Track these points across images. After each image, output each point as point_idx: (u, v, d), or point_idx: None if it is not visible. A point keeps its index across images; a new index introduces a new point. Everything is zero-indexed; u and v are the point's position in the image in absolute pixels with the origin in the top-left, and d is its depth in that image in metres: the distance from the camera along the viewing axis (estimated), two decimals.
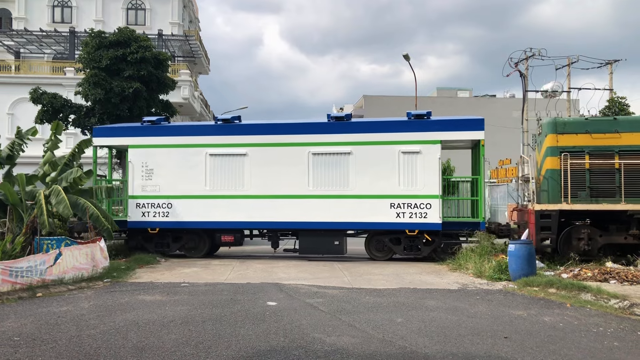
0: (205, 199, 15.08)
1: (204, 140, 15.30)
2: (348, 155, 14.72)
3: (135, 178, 15.32)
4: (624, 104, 25.28)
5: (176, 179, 15.18)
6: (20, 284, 9.79)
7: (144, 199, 15.22)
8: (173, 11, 39.71)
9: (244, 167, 15.08)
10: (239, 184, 15.07)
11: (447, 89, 48.71)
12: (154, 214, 15.17)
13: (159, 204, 15.17)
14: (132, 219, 15.27)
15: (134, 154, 15.46)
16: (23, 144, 14.19)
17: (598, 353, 6.22)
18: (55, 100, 18.53)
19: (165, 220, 15.18)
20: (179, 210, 15.12)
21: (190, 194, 15.12)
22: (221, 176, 15.13)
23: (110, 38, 18.59)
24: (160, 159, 15.32)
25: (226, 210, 14.99)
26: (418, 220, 14.30)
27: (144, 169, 15.30)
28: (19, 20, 37.90)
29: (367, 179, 14.60)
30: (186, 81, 33.61)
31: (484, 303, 9.14)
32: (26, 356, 5.99)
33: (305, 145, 14.90)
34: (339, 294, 9.92)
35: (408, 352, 6.19)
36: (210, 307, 8.60)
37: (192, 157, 15.21)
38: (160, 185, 15.22)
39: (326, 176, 14.81)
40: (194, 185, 15.13)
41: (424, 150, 14.39)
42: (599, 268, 11.65)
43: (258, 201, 14.92)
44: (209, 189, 15.11)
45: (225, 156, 15.15)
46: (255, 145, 15.08)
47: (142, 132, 15.61)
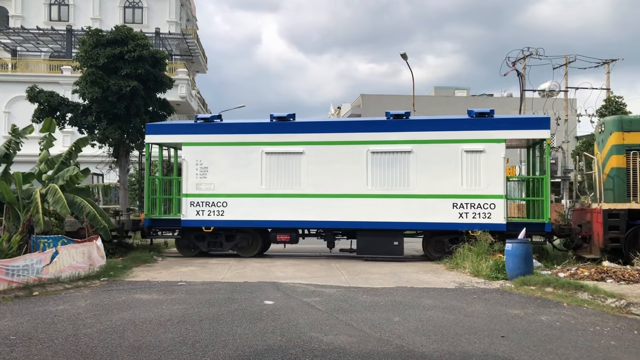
0: (261, 198, 14.91)
1: (259, 138, 15.08)
2: (408, 154, 14.46)
3: (190, 176, 15.15)
4: (621, 103, 25.31)
5: (231, 177, 15.02)
6: (17, 283, 9.76)
7: (199, 198, 15.05)
8: (170, 9, 39.66)
9: (300, 166, 14.88)
10: (295, 183, 14.87)
11: (444, 88, 48.74)
12: (209, 212, 15.01)
13: (213, 203, 15.01)
14: (186, 218, 15.10)
15: (188, 152, 15.29)
16: (19, 142, 14.14)
17: (595, 352, 6.23)
18: (52, 99, 18.45)
19: (220, 219, 15.00)
20: (234, 209, 14.94)
21: (246, 192, 14.94)
22: (277, 175, 14.95)
23: (107, 36, 18.52)
24: (215, 157, 15.15)
25: (282, 209, 14.80)
26: (481, 221, 14.00)
27: (198, 167, 15.13)
28: (16, 18, 37.79)
29: (428, 178, 14.33)
30: (183, 80, 33.58)
31: (481, 302, 9.14)
32: (22, 355, 5.97)
33: (364, 144, 14.66)
34: (336, 292, 9.92)
35: (405, 351, 6.19)
36: (207, 306, 8.59)
37: (247, 155, 15.04)
38: (215, 183, 15.04)
39: (385, 175, 14.55)
40: (250, 183, 14.96)
41: (488, 149, 14.08)
42: (596, 267, 11.67)
43: (315, 200, 14.72)
44: (264, 187, 14.94)
45: (281, 154, 14.96)
46: (312, 143, 14.87)
47: (196, 130, 15.45)
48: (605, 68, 26.93)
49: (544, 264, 12.98)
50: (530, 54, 25.70)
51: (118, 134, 18.42)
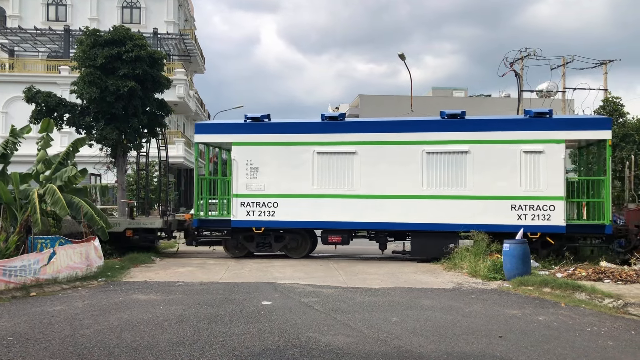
0: (312, 198, 14.75)
1: (311, 138, 14.93)
2: (465, 154, 14.24)
3: (240, 176, 15.04)
4: (619, 104, 25.34)
5: (282, 177, 14.90)
6: (14, 283, 9.74)
7: (249, 198, 14.95)
8: (168, 10, 39.60)
9: (353, 166, 14.69)
10: (347, 183, 14.70)
11: (442, 89, 48.79)
12: (259, 213, 14.90)
13: (264, 203, 14.89)
14: (237, 218, 14.98)
15: (238, 152, 15.16)
16: (17, 142, 14.10)
17: (592, 352, 6.24)
18: (49, 99, 18.40)
19: (271, 220, 14.87)
20: (286, 210, 14.80)
21: (297, 193, 14.80)
22: (329, 175, 14.77)
23: (105, 36, 18.48)
24: (265, 156, 15.03)
25: (334, 210, 14.64)
26: (540, 223, 13.78)
27: (248, 167, 15.02)
28: (13, 18, 37.70)
29: (485, 179, 14.11)
30: (181, 80, 33.52)
31: (478, 302, 9.15)
32: (19, 356, 5.95)
33: (419, 144, 14.45)
34: (334, 293, 9.92)
35: (403, 351, 6.19)
36: (204, 306, 8.58)
37: (298, 155, 14.90)
38: (265, 183, 14.93)
39: (441, 176, 14.33)
40: (301, 184, 14.82)
41: (547, 150, 13.86)
42: (593, 267, 11.70)
43: (368, 201, 14.55)
44: (316, 188, 14.78)
45: (333, 154, 14.78)
46: (365, 143, 14.71)
47: (246, 129, 15.29)
48: (603, 69, 26.97)
49: (542, 264, 13.01)
50: (527, 55, 25.74)
51: (116, 134, 18.38)
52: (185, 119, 43.33)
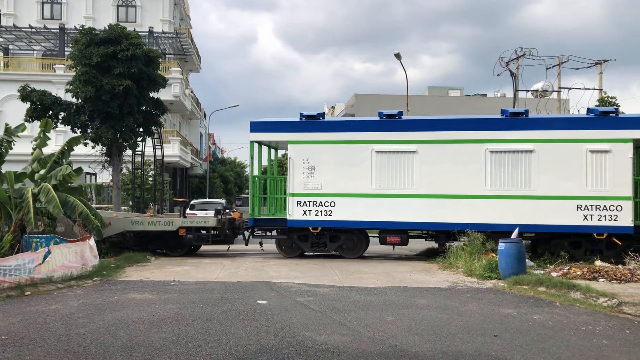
0: (370, 198, 14.50)
1: (369, 137, 14.69)
2: (529, 153, 13.97)
3: (296, 175, 14.83)
4: (614, 103, 25.47)
5: (339, 176, 14.67)
6: (9, 283, 9.71)
7: (306, 197, 14.73)
8: (164, 8, 39.51)
9: (413, 165, 14.42)
10: (407, 183, 14.43)
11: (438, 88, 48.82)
12: (316, 212, 14.67)
13: (321, 202, 14.67)
14: (293, 218, 14.79)
15: (294, 150, 14.96)
16: (12, 141, 14.05)
17: (587, 351, 6.26)
18: (44, 98, 18.36)
19: (328, 220, 14.65)
20: (343, 209, 14.57)
21: (355, 192, 14.56)
22: (388, 174, 14.51)
23: (100, 35, 18.45)
24: (322, 155, 14.80)
25: (393, 209, 14.38)
26: (607, 223, 13.55)
27: (305, 165, 14.80)
28: (8, 16, 37.53)
29: (550, 178, 13.83)
30: (177, 79, 33.45)
31: (474, 301, 9.17)
32: (14, 355, 5.93)
33: (482, 142, 14.19)
34: (329, 292, 9.92)
35: (398, 350, 6.19)
36: (200, 305, 8.57)
37: (356, 154, 14.65)
38: (322, 182, 14.70)
39: (505, 175, 14.07)
40: (359, 183, 14.57)
41: (614, 149, 13.62)
42: (588, 267, 11.73)
43: (428, 201, 14.28)
44: (375, 187, 14.52)
45: (392, 153, 14.52)
46: (425, 141, 14.43)
47: (303, 128, 15.06)
48: (598, 68, 27.08)
49: (537, 263, 13.04)
50: (523, 55, 25.81)
51: (111, 133, 18.35)
52: (181, 118, 43.26)
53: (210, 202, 27.74)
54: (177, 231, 15.28)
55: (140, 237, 15.64)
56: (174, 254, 15.70)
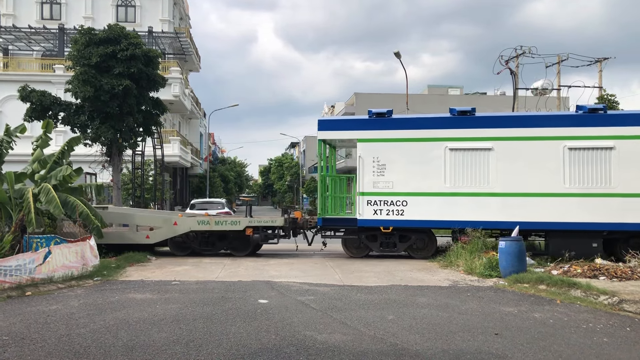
0: (444, 197, 14.18)
1: (442, 134, 14.38)
2: (610, 150, 13.60)
3: (366, 174, 14.53)
4: (614, 101, 25.46)
5: (411, 175, 14.37)
6: (9, 283, 9.71)
7: (376, 196, 14.43)
8: (163, 8, 39.52)
9: (488, 163, 14.09)
10: (483, 181, 14.10)
11: (438, 87, 48.82)
12: (387, 212, 14.37)
13: (392, 202, 14.36)
14: (363, 217, 14.49)
15: (363, 149, 14.66)
16: (11, 141, 14.05)
17: (587, 349, 6.26)
18: (44, 98, 18.36)
19: (400, 219, 14.32)
20: (416, 209, 14.25)
21: (428, 191, 14.27)
22: (463, 172, 14.19)
23: (100, 35, 18.44)
24: (393, 153, 14.49)
25: (468, 208, 14.05)
26: None
27: (375, 164, 14.50)
28: (7, 16, 37.53)
29: (631, 175, 13.49)
30: (176, 79, 33.46)
31: (474, 300, 9.17)
32: (15, 355, 5.93)
33: (559, 139, 13.82)
34: (330, 291, 9.92)
35: (399, 349, 6.19)
36: (201, 305, 8.57)
37: (429, 152, 14.36)
38: (393, 181, 14.38)
39: (584, 173, 13.71)
40: (432, 181, 14.27)
41: None
42: (589, 264, 11.72)
43: (504, 199, 13.96)
44: (449, 186, 14.20)
45: (467, 150, 14.19)
46: (501, 138, 14.10)
47: (372, 125, 14.75)
48: (598, 66, 27.06)
49: (537, 261, 13.04)
50: (523, 53, 25.79)
51: (111, 133, 18.35)
52: (181, 118, 43.27)
53: (210, 202, 27.75)
54: (243, 231, 15.23)
55: (205, 237, 15.62)
56: (239, 254, 15.58)
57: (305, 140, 67.58)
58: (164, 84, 20.20)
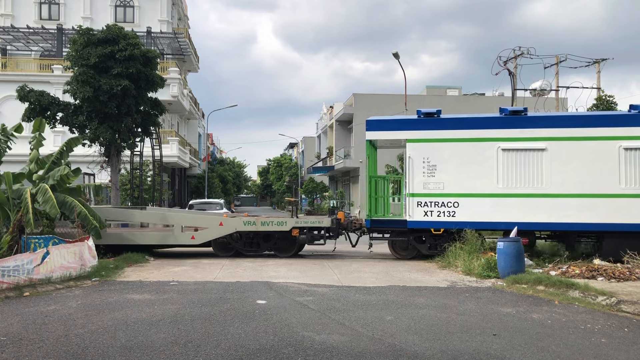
0: (496, 198, 14.00)
1: (494, 134, 14.20)
2: None
3: (416, 175, 14.37)
4: (612, 102, 25.48)
5: (462, 175, 14.18)
6: (7, 283, 9.70)
7: (426, 198, 14.28)
8: (162, 8, 39.48)
9: (542, 163, 13.89)
10: (536, 182, 13.90)
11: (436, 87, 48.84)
12: (438, 213, 14.21)
13: (443, 203, 14.19)
14: (413, 219, 14.33)
15: (413, 149, 14.49)
16: (9, 141, 14.02)
17: (586, 350, 6.27)
18: (42, 98, 18.32)
19: (451, 221, 14.12)
20: (467, 210, 14.10)
21: (480, 192, 14.10)
22: (515, 173, 14.00)
23: (98, 35, 18.41)
24: (443, 154, 14.33)
25: (521, 210, 13.86)
26: None
27: (425, 164, 14.35)
28: (6, 16, 37.48)
29: None
30: (175, 79, 33.44)
31: (473, 300, 9.18)
32: (13, 356, 5.93)
33: (616, 139, 13.64)
34: (328, 292, 9.92)
35: (397, 349, 6.20)
36: (199, 305, 8.57)
37: (481, 152, 14.17)
38: (444, 182, 14.23)
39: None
40: (484, 182, 14.08)
41: None
42: (587, 265, 11.74)
43: (558, 200, 13.74)
44: (501, 186, 14.02)
45: (520, 151, 14.02)
46: (555, 138, 13.91)
47: (422, 125, 14.59)
48: (596, 67, 27.09)
49: (536, 262, 13.05)
50: (521, 54, 25.82)
51: (109, 133, 18.33)
52: (179, 118, 43.25)
53: (209, 203, 27.74)
54: (289, 231, 15.20)
55: (250, 238, 15.58)
56: (283, 255, 15.51)
57: (304, 141, 67.58)
58: (163, 84, 20.17)
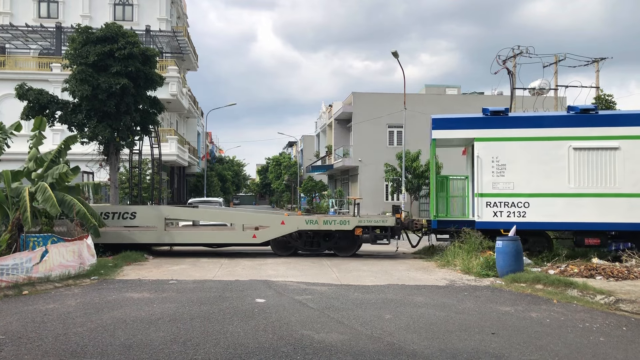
0: (568, 198, 13.73)
1: (565, 133, 13.95)
2: None
3: (484, 174, 14.12)
4: (611, 101, 25.52)
5: (533, 175, 13.92)
6: (6, 282, 9.70)
7: (496, 198, 14.00)
8: (161, 7, 39.43)
9: (615, 162, 13.66)
10: (609, 181, 13.67)
11: (435, 86, 48.81)
12: (508, 213, 13.94)
13: (513, 203, 13.94)
14: (482, 219, 14.08)
15: (481, 148, 14.24)
16: (7, 138, 14.00)
17: (584, 348, 6.28)
18: (41, 97, 18.28)
19: (521, 221, 13.79)
20: (538, 210, 13.83)
21: (551, 192, 13.82)
22: (587, 172, 13.75)
23: (97, 34, 18.37)
24: (512, 153, 14.07)
25: (593, 210, 13.62)
26: None
27: (494, 164, 14.09)
28: (4, 15, 37.41)
29: None
30: (174, 77, 33.39)
31: (471, 299, 9.19)
32: (12, 354, 5.93)
33: None
34: (327, 290, 9.93)
35: (396, 348, 6.20)
36: (198, 304, 8.57)
37: (552, 151, 13.90)
38: (514, 182, 13.97)
39: None
40: (555, 182, 13.82)
41: None
42: (586, 264, 11.76)
43: (632, 200, 13.49)
44: (572, 186, 13.76)
45: (592, 150, 13.76)
46: (628, 137, 13.64)
47: (491, 124, 14.41)
48: (595, 66, 27.10)
49: (534, 261, 13.07)
50: (520, 53, 25.81)
51: (108, 132, 18.29)
52: (178, 117, 43.20)
53: (208, 201, 27.72)
54: (351, 231, 15.14)
55: (310, 237, 15.54)
56: (344, 254, 15.40)
57: (303, 140, 67.52)
58: (162, 82, 20.14)
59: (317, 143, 60.08)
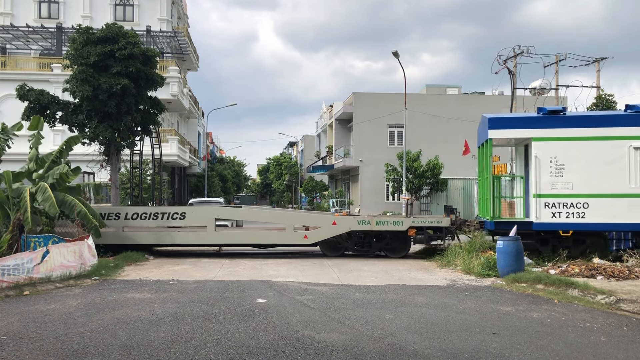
0: (629, 198, 13.41)
1: (625, 132, 13.61)
2: None
3: (542, 174, 13.80)
4: (612, 101, 25.50)
5: (592, 175, 13.61)
6: (7, 282, 9.70)
7: (554, 198, 13.68)
8: (161, 7, 39.44)
9: None
10: None
11: (436, 86, 48.79)
12: (567, 214, 13.61)
13: (572, 204, 13.61)
14: (540, 220, 13.71)
15: (539, 148, 13.94)
16: (8, 139, 14.01)
17: (585, 348, 6.28)
18: (42, 97, 18.30)
19: (580, 222, 13.52)
20: (598, 211, 13.51)
21: (611, 192, 13.52)
22: None
23: (98, 34, 18.38)
24: (572, 153, 13.76)
25: None
26: None
27: (552, 164, 13.78)
28: (5, 15, 37.44)
29: None
30: (175, 78, 33.40)
31: (472, 299, 9.19)
32: (13, 355, 5.93)
33: None
34: (328, 290, 9.93)
35: (397, 348, 6.20)
36: (199, 304, 8.57)
37: (612, 151, 13.60)
38: (573, 182, 13.66)
39: None
40: (615, 182, 13.51)
41: None
42: (586, 264, 11.76)
43: None
44: (633, 186, 13.42)
45: None
46: None
47: (548, 123, 14.07)
48: (596, 66, 27.09)
49: (535, 261, 13.06)
50: (521, 52, 25.80)
51: (109, 132, 18.31)
52: (179, 117, 43.21)
53: (208, 202, 27.72)
54: (404, 231, 15.06)
55: (361, 238, 15.48)
56: (395, 255, 15.32)
57: (304, 140, 67.51)
58: (162, 83, 20.15)
59: (318, 143, 60.07)
